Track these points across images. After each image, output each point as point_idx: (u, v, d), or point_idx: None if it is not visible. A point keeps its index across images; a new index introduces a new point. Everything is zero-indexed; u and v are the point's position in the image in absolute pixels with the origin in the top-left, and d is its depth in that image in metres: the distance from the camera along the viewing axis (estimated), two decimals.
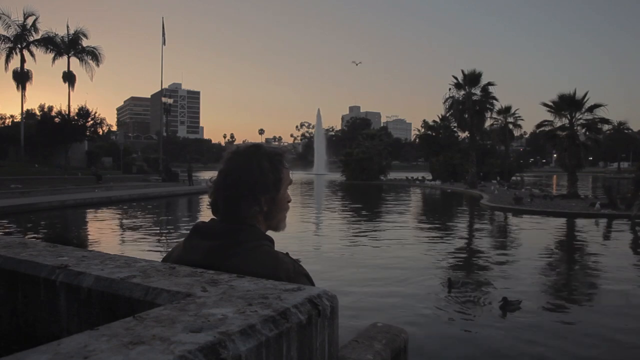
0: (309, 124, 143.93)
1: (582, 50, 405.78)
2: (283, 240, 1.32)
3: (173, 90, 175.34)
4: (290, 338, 0.83)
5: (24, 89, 34.28)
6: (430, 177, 44.22)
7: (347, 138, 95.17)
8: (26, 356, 0.64)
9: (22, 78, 34.15)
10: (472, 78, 34.03)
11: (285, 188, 1.32)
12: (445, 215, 19.26)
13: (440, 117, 55.69)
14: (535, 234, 13.40)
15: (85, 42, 36.32)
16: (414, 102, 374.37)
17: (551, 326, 5.65)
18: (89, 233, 13.89)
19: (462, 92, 34.41)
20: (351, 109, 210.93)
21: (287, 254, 1.26)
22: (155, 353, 0.64)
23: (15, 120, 46.85)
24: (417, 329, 5.32)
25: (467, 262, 9.79)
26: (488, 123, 40.10)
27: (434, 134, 58.58)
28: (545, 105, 25.14)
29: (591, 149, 26.95)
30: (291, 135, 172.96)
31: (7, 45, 33.39)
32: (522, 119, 45.81)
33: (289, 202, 1.36)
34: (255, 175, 1.25)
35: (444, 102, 35.28)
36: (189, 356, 0.65)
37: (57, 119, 34.89)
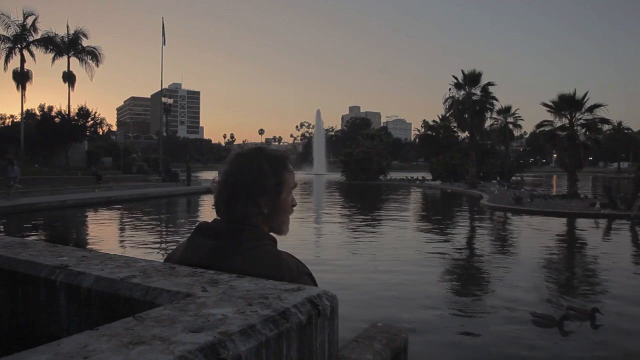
0: (309, 124, 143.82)
1: (582, 51, 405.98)
2: (282, 240, 1.32)
3: (173, 90, 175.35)
4: (290, 338, 0.83)
5: (24, 89, 34.25)
6: (430, 177, 44.24)
7: (347, 138, 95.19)
8: (26, 356, 0.64)
9: (22, 78, 34.10)
10: (472, 78, 34.02)
11: (288, 192, 1.31)
12: (446, 216, 19.26)
13: (440, 117, 55.84)
14: (535, 234, 13.41)
15: (85, 42, 36.32)
16: (414, 102, 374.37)
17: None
18: (88, 233, 13.90)
19: (462, 92, 34.41)
20: (351, 109, 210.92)
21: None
22: (155, 353, 0.64)
23: (15, 120, 46.79)
24: (416, 332, 5.29)
25: (467, 262, 9.80)
26: (488, 123, 40.14)
27: (434, 134, 58.70)
28: (545, 105, 25.18)
29: (591, 149, 26.99)
30: (291, 136, 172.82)
31: (7, 45, 33.35)
32: (522, 119, 45.94)
33: (294, 205, 1.35)
34: (254, 177, 1.25)
35: (444, 102, 35.27)
36: (189, 356, 0.65)
37: (57, 119, 34.86)
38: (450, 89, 34.85)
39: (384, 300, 6.57)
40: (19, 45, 33.64)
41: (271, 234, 1.30)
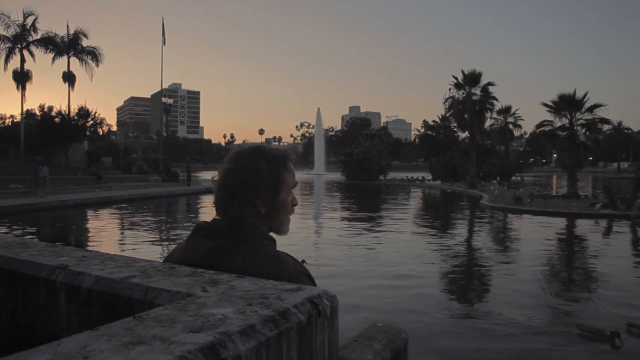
0: (309, 124, 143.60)
1: (582, 51, 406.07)
2: (280, 240, 1.32)
3: (173, 90, 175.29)
4: (290, 338, 0.83)
5: (24, 89, 34.18)
6: (430, 177, 44.23)
7: (347, 138, 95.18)
8: (26, 356, 0.64)
9: (22, 78, 34.04)
10: (472, 78, 33.99)
11: (288, 191, 1.30)
12: (446, 216, 19.26)
13: (440, 117, 55.90)
14: (536, 234, 13.40)
15: (85, 42, 36.23)
16: (414, 102, 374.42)
17: (552, 326, 5.65)
18: (89, 233, 13.89)
19: (462, 92, 34.38)
20: (351, 109, 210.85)
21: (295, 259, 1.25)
22: (155, 353, 0.64)
23: (15, 120, 46.67)
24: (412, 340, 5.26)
25: (467, 263, 9.79)
26: (488, 123, 40.11)
27: (434, 134, 58.75)
28: (545, 105, 25.19)
29: (591, 149, 26.99)
30: (291, 135, 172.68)
31: (7, 45, 33.26)
32: (522, 119, 45.95)
33: (295, 205, 1.34)
34: (250, 177, 1.24)
35: (444, 102, 35.24)
36: (189, 356, 0.65)
37: (57, 119, 34.80)
38: (450, 89, 34.86)
39: (382, 302, 6.56)
40: (19, 45, 33.59)
41: (271, 234, 1.29)
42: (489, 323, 5.71)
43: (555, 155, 37.16)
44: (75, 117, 34.74)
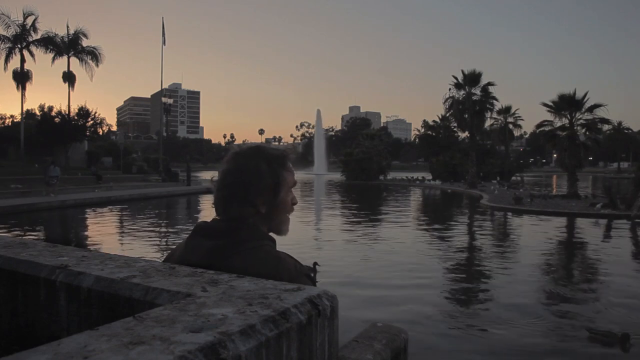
0: (309, 124, 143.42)
1: (582, 51, 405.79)
2: (280, 240, 1.32)
3: (173, 90, 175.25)
4: (290, 338, 0.83)
5: (23, 89, 34.18)
6: (430, 177, 44.23)
7: (347, 138, 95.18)
8: (26, 356, 0.64)
9: (22, 78, 34.04)
10: (472, 78, 33.99)
11: (287, 190, 1.30)
12: (446, 216, 19.26)
13: (440, 117, 56.03)
14: (536, 235, 13.40)
15: (85, 42, 36.23)
16: (414, 102, 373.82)
17: (559, 329, 5.63)
18: (88, 233, 13.89)
19: (462, 92, 34.39)
20: (351, 109, 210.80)
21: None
22: (155, 353, 0.64)
23: (15, 120, 46.65)
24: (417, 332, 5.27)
25: (468, 264, 9.79)
26: (488, 123, 40.11)
27: (434, 134, 58.87)
28: (545, 105, 25.20)
29: (591, 149, 27.00)
30: (291, 135, 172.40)
31: (7, 45, 33.27)
32: (522, 119, 45.93)
33: (294, 204, 1.34)
34: (250, 177, 1.24)
35: (444, 102, 35.24)
36: (189, 356, 0.65)
37: (57, 119, 34.81)
38: (450, 89, 34.86)
39: (381, 303, 6.56)
40: (19, 45, 33.57)
41: (270, 234, 1.29)
42: (490, 326, 5.71)
43: (555, 155, 37.18)
44: (75, 117, 34.74)
